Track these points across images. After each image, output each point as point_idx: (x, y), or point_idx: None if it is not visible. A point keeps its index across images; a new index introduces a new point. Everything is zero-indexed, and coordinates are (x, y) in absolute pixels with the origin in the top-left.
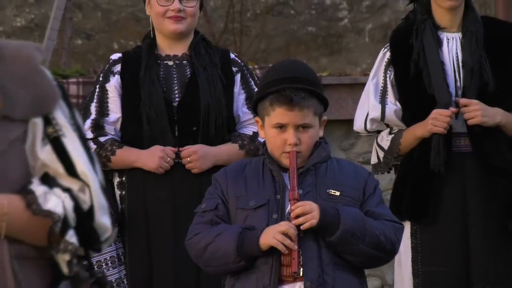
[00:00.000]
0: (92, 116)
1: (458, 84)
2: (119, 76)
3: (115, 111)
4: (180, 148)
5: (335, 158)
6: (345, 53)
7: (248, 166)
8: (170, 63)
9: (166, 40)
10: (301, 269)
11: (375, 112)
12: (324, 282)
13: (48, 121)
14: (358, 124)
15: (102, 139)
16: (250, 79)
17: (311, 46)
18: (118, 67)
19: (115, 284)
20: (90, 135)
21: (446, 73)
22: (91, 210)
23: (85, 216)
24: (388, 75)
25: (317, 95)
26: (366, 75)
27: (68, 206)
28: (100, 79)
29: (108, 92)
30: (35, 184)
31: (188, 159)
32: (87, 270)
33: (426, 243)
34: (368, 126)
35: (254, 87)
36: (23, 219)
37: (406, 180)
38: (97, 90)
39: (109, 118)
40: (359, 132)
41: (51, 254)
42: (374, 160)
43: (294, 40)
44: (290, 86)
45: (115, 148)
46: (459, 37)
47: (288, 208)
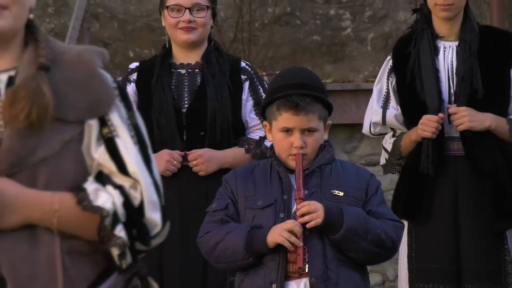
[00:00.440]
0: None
1: (452, 91)
2: (134, 84)
3: None
4: (187, 152)
5: (339, 160)
6: (348, 60)
7: (257, 168)
8: (183, 71)
9: (180, 49)
10: (306, 265)
11: (377, 116)
12: (328, 278)
13: (104, 122)
14: (365, 128)
15: None
16: (259, 86)
17: (316, 54)
18: (134, 76)
19: None
20: None
21: (440, 80)
22: (141, 206)
23: (135, 212)
24: (390, 82)
25: (322, 101)
26: (368, 81)
27: (118, 202)
28: None
29: None
30: (89, 182)
31: (195, 162)
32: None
33: (420, 241)
34: (372, 130)
35: (263, 94)
36: (74, 215)
37: (402, 181)
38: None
39: None
40: (367, 135)
41: (106, 249)
42: (382, 161)
43: (300, 48)
44: (296, 92)
45: None
46: (456, 45)
47: (294, 207)
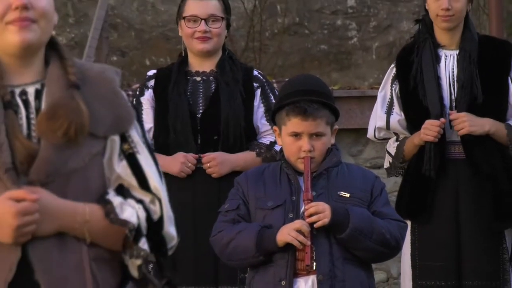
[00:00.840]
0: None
1: (453, 97)
2: (152, 90)
3: (148, 122)
4: (201, 155)
5: (345, 163)
6: (354, 68)
7: (267, 170)
8: (198, 78)
9: (195, 58)
10: (314, 263)
11: (381, 121)
12: (335, 275)
13: (124, 138)
14: (370, 132)
15: None
16: (270, 94)
17: (324, 62)
18: (152, 82)
19: None
20: None
21: (441, 87)
22: (160, 220)
23: (155, 226)
24: (393, 89)
25: (329, 106)
26: (373, 88)
27: (142, 216)
28: (137, 92)
29: (143, 104)
30: (112, 195)
31: (208, 164)
32: (158, 273)
33: (423, 240)
34: (377, 134)
35: (273, 101)
36: (102, 227)
37: (405, 183)
38: (133, 103)
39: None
40: (372, 139)
41: (123, 257)
42: (386, 164)
43: (308, 57)
44: (305, 98)
45: None
46: (456, 54)
47: (302, 208)
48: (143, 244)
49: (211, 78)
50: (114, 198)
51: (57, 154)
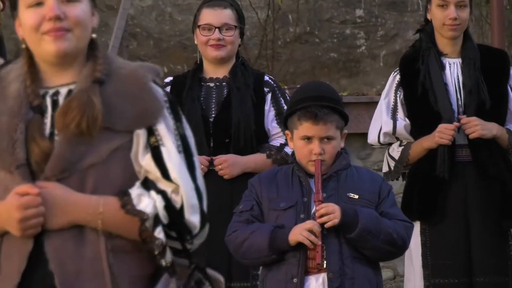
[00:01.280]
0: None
1: (459, 102)
2: None
3: None
4: (213, 157)
5: (354, 166)
6: (362, 75)
7: (279, 173)
8: (211, 84)
9: (210, 64)
10: (324, 261)
11: (387, 127)
12: (344, 273)
13: (152, 132)
14: (372, 138)
15: None
16: (281, 98)
17: (333, 70)
18: (168, 89)
19: None
20: None
21: (449, 93)
22: (181, 209)
23: (177, 214)
24: (398, 95)
25: (338, 112)
26: (380, 94)
27: (159, 205)
28: None
29: None
30: (135, 187)
31: (220, 166)
32: (187, 260)
33: (434, 240)
34: (381, 139)
35: (284, 105)
36: (117, 218)
37: (415, 186)
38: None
39: None
40: (373, 145)
41: (148, 249)
42: (385, 168)
43: (319, 64)
44: (315, 104)
45: None
46: (459, 62)
47: (313, 209)
48: (159, 233)
49: (224, 83)
50: (134, 190)
51: (71, 150)
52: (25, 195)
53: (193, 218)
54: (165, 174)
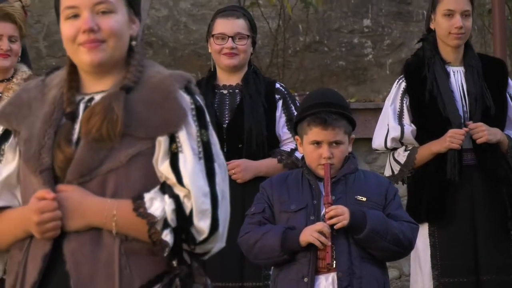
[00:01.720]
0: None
1: (465, 109)
2: None
3: None
4: (227, 162)
5: (361, 170)
6: (369, 83)
7: (290, 176)
8: (225, 91)
9: (223, 72)
10: (334, 261)
11: (395, 132)
12: (353, 272)
13: (174, 139)
14: (378, 143)
15: None
16: (291, 104)
17: (341, 77)
18: None
19: None
20: None
21: (455, 99)
22: (191, 214)
23: (185, 219)
24: (404, 102)
25: (346, 117)
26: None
27: (168, 209)
28: None
29: None
30: (151, 191)
31: (233, 171)
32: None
33: (443, 241)
34: (388, 144)
35: (294, 111)
36: (130, 220)
37: (423, 189)
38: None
39: None
40: (378, 149)
41: (159, 251)
42: (388, 172)
43: (327, 72)
44: (325, 110)
45: None
46: (462, 70)
47: (323, 211)
48: (166, 235)
49: (237, 91)
50: (147, 194)
51: (91, 155)
52: (42, 199)
53: (202, 223)
54: (179, 180)
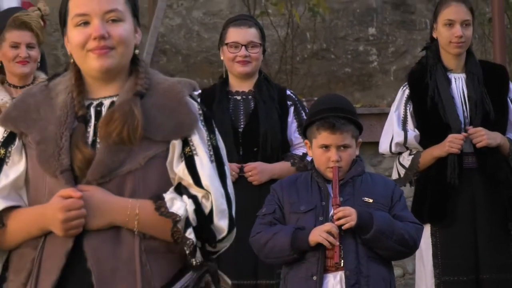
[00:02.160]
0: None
1: (465, 114)
2: None
3: None
4: (243, 165)
5: (368, 173)
6: (374, 89)
7: (299, 178)
8: (238, 97)
9: (236, 79)
10: (342, 260)
11: (399, 137)
12: (360, 271)
13: (187, 142)
14: (384, 148)
15: None
16: (302, 110)
17: (347, 83)
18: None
19: None
20: None
21: (456, 105)
22: (210, 214)
23: (205, 218)
24: (408, 108)
25: (354, 122)
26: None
27: (190, 209)
28: None
29: None
30: (168, 192)
31: (250, 173)
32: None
33: (444, 241)
34: (393, 149)
35: (305, 117)
36: (152, 219)
37: (425, 191)
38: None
39: None
40: (384, 154)
41: (180, 249)
42: (395, 176)
43: (334, 78)
44: (333, 115)
45: None
46: (463, 77)
47: (331, 212)
48: (190, 233)
49: (250, 97)
50: (168, 194)
51: (112, 157)
52: (68, 198)
53: (221, 222)
54: (197, 181)
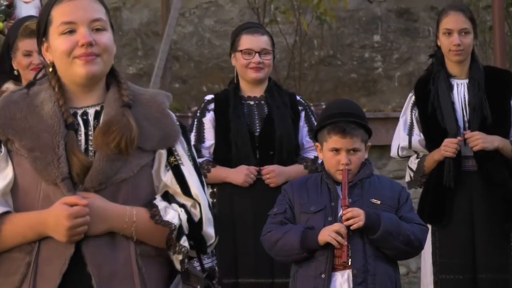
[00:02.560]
0: (192, 142)
1: (465, 119)
2: (213, 112)
3: (209, 139)
4: (261, 168)
5: (376, 175)
6: (379, 94)
7: (310, 180)
8: (252, 102)
9: (248, 85)
10: (349, 259)
11: (404, 142)
12: (367, 270)
13: (171, 152)
14: (393, 152)
15: (199, 160)
16: (312, 115)
17: (353, 89)
18: (212, 106)
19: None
20: None
21: (455, 110)
22: (200, 222)
23: (195, 226)
24: (413, 114)
25: (363, 126)
26: (395, 111)
27: (183, 218)
28: (198, 114)
29: (204, 124)
30: (158, 200)
31: (268, 176)
32: (200, 267)
33: (443, 241)
34: (400, 153)
35: (314, 121)
36: (148, 227)
37: (426, 193)
38: (195, 123)
39: (205, 144)
40: (394, 158)
41: (168, 254)
42: (407, 178)
43: (341, 84)
44: (343, 119)
45: (210, 167)
46: (466, 82)
47: (340, 212)
48: (184, 241)
49: (262, 102)
50: (160, 203)
51: (108, 165)
52: (73, 205)
53: (210, 230)
54: (185, 190)
